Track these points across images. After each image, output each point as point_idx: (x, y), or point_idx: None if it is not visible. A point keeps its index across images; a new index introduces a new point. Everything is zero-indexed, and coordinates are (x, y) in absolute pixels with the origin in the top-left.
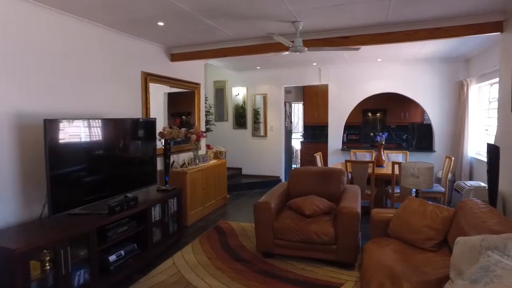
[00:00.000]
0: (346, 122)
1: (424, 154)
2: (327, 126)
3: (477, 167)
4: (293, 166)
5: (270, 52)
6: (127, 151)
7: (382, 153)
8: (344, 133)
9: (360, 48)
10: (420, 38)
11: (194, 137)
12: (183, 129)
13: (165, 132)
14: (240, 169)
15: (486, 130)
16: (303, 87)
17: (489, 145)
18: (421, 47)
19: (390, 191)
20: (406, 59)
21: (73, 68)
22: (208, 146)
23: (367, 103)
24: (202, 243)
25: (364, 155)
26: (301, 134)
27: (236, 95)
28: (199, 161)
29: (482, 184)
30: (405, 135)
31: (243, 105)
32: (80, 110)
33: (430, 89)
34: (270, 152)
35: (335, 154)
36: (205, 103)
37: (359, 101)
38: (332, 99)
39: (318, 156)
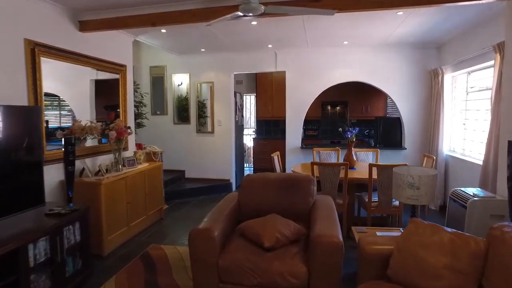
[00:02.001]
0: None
1: (393, 152)
2: (283, 121)
3: (453, 167)
4: (245, 166)
5: (214, 19)
6: None
7: (352, 152)
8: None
9: (335, 13)
10: (411, 2)
11: (113, 134)
12: (99, 124)
13: (76, 128)
14: (183, 171)
15: (464, 124)
16: (256, 76)
17: (511, 143)
18: (395, 27)
19: (366, 200)
20: (375, 43)
21: None
22: (139, 146)
23: (327, 95)
24: (119, 285)
25: (329, 154)
26: (254, 129)
27: (179, 85)
28: (124, 166)
29: (489, 193)
30: (367, 131)
31: (186, 96)
32: None
33: (400, 78)
34: (218, 151)
35: (294, 153)
36: (136, 91)
37: (321, 91)
38: (290, 89)
39: (276, 157)
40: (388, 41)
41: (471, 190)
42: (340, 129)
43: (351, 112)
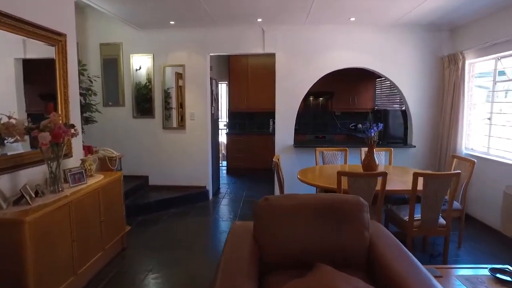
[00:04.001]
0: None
1: (399, 151)
2: (259, 114)
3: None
4: (223, 167)
5: None
6: None
7: (374, 154)
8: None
9: None
10: None
11: (47, 138)
12: (22, 121)
13: None
14: (146, 178)
15: (488, 119)
16: (229, 61)
17: None
18: (421, 1)
19: (404, 217)
20: (386, 23)
21: None
22: (88, 150)
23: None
24: None
25: (335, 155)
26: (225, 123)
27: (137, 69)
28: (66, 183)
29: None
30: (353, 124)
31: (147, 84)
32: None
33: (408, 66)
34: (191, 151)
35: (286, 153)
36: (82, 74)
37: (318, 79)
38: (280, 75)
39: (277, 161)
40: (401, 21)
41: None
42: (360, 125)
43: (336, 104)
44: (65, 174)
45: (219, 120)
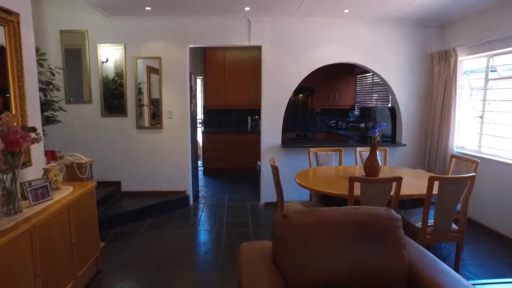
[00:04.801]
0: (256, 105)
1: (388, 149)
2: (237, 111)
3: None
4: (199, 168)
5: None
6: None
7: (377, 156)
8: (253, 117)
9: None
10: None
11: None
12: None
13: None
14: (119, 183)
15: (480, 117)
16: (205, 54)
17: None
18: None
19: (418, 225)
20: (381, 16)
21: None
22: (51, 155)
23: None
24: None
25: (329, 156)
26: (200, 120)
27: (103, 62)
28: (25, 199)
29: None
30: (333, 121)
31: (115, 78)
32: None
33: (398, 62)
34: (169, 152)
35: (274, 154)
36: (42, 65)
37: (307, 74)
38: (267, 70)
39: (274, 164)
40: (396, 14)
41: None
42: (362, 124)
43: (317, 101)
44: (23, 190)
45: (197, 118)
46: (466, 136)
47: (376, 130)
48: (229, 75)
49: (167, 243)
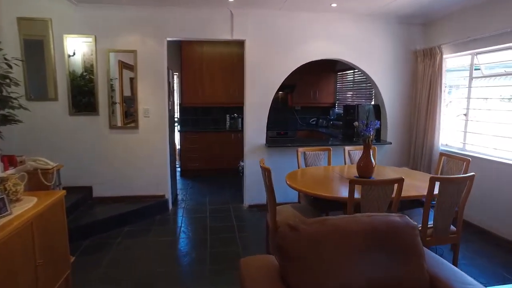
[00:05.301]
0: (235, 102)
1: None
2: (216, 109)
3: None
4: (177, 170)
5: None
6: None
7: (371, 155)
8: (232, 116)
9: None
10: None
11: None
12: None
13: None
14: (89, 189)
15: (464, 115)
16: (181, 49)
17: None
18: None
19: (418, 227)
20: (369, 11)
21: None
22: (9, 161)
23: None
24: None
25: (318, 156)
26: (177, 119)
27: (70, 55)
28: None
29: None
30: (313, 119)
31: (85, 73)
32: None
33: (383, 59)
34: (146, 154)
35: (257, 154)
36: None
37: (293, 70)
38: (251, 65)
39: (264, 166)
40: (383, 10)
41: None
42: (356, 123)
43: (297, 98)
44: None
45: (175, 116)
46: (450, 134)
47: (371, 129)
48: (207, 71)
49: (146, 254)
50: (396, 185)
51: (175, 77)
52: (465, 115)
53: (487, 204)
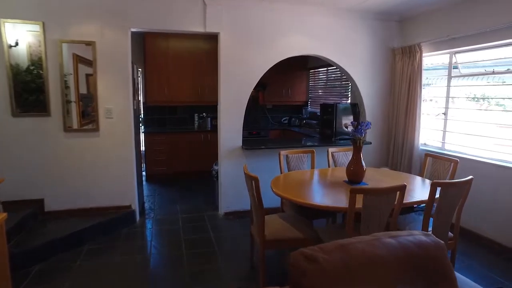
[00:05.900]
0: (203, 102)
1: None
2: (182, 108)
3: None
4: (143, 175)
5: None
6: None
7: (362, 159)
8: (201, 115)
9: None
10: None
11: None
12: None
13: None
14: (41, 202)
15: (443, 114)
16: (144, 40)
17: None
18: None
19: None
20: (348, 6)
21: None
22: None
23: None
24: None
25: (300, 159)
26: (140, 119)
27: (12, 45)
28: None
29: None
30: (285, 118)
31: (31, 67)
32: None
33: (362, 56)
34: (109, 160)
35: (233, 158)
36: None
37: (270, 66)
38: (226, 60)
39: (252, 175)
40: (364, 4)
41: None
42: (346, 122)
43: (268, 96)
44: None
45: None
46: (429, 133)
47: (362, 130)
48: (173, 68)
49: (112, 277)
50: (398, 194)
51: (139, 73)
52: (444, 113)
53: (472, 204)
